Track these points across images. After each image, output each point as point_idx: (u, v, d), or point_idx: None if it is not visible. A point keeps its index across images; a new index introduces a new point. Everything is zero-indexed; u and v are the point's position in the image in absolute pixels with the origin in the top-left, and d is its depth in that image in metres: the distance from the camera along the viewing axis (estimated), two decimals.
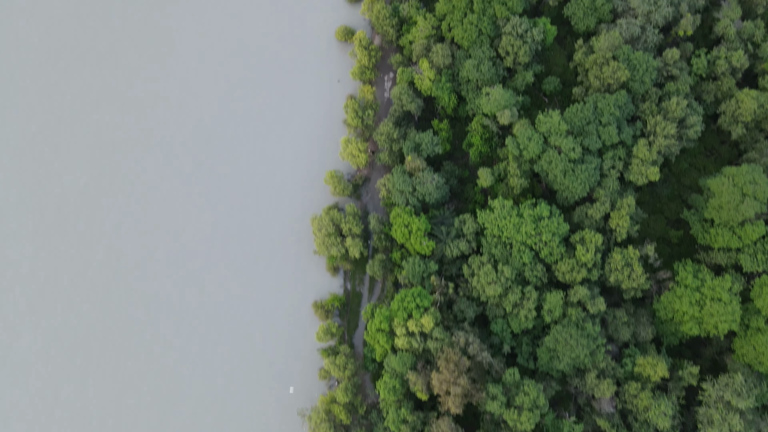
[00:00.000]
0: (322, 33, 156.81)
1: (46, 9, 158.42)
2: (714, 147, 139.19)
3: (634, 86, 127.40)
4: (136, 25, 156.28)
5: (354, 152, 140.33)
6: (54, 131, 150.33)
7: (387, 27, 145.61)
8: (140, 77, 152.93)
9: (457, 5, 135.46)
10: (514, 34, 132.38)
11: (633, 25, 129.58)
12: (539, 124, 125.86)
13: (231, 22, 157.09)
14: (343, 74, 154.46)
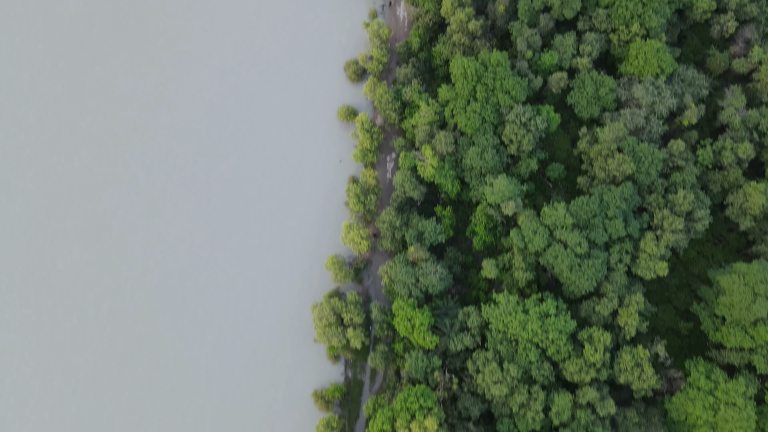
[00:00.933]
0: (324, 112, 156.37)
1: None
2: (722, 234, 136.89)
3: (640, 178, 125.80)
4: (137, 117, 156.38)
5: (356, 239, 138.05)
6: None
7: (389, 111, 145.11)
8: (141, 165, 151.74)
9: (460, 93, 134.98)
10: (518, 123, 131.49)
11: (637, 116, 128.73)
12: (544, 216, 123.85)
13: (233, 99, 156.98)
14: (345, 154, 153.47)
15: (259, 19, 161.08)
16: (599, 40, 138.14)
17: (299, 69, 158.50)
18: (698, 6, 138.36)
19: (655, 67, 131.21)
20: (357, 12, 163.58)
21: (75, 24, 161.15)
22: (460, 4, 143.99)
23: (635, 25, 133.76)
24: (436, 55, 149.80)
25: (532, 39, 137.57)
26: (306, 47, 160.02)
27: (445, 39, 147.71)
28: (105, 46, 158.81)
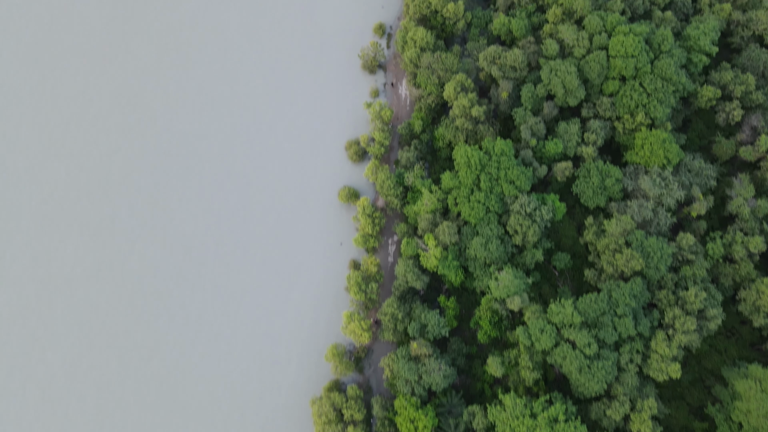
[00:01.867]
0: (325, 193, 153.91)
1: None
2: (735, 327, 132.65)
3: (649, 273, 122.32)
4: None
5: (357, 330, 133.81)
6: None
7: (391, 197, 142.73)
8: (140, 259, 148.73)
9: (463, 181, 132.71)
10: (523, 213, 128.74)
11: (645, 208, 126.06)
12: (552, 314, 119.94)
13: (234, 178, 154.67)
14: (346, 237, 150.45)
15: (261, 98, 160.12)
16: (604, 128, 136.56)
17: (300, 149, 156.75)
18: (703, 95, 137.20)
19: (662, 158, 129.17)
20: (359, 89, 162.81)
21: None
22: (462, 89, 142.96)
23: (640, 115, 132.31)
24: (438, 137, 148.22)
25: (536, 127, 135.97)
26: (307, 127, 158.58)
27: (447, 122, 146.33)
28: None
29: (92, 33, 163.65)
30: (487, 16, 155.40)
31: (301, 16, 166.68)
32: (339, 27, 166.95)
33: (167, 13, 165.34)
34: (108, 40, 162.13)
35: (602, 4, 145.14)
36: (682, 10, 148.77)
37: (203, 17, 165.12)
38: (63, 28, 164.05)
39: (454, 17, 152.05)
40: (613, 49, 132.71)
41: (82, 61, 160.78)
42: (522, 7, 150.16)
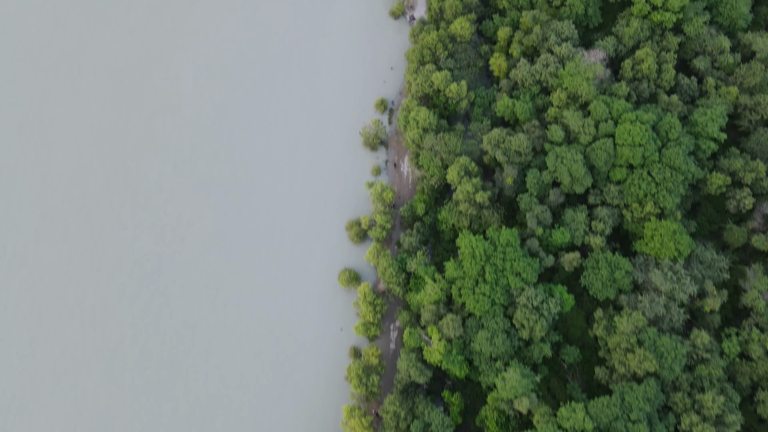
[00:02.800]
0: (325, 276, 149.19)
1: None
2: (752, 426, 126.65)
3: (663, 373, 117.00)
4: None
5: (357, 428, 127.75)
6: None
7: (393, 284, 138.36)
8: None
9: (468, 272, 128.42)
10: (530, 307, 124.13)
11: (656, 304, 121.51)
12: (562, 419, 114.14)
13: (231, 259, 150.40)
14: (346, 322, 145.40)
15: (260, 176, 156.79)
16: (612, 216, 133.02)
17: (300, 229, 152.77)
18: (713, 182, 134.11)
19: (673, 250, 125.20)
20: (360, 166, 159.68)
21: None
22: (466, 172, 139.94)
23: (649, 204, 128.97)
24: (441, 220, 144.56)
25: (542, 216, 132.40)
26: (307, 206, 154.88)
27: (451, 205, 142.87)
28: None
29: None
30: (490, 96, 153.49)
31: (302, 92, 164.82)
32: (340, 103, 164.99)
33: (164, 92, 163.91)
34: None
35: (607, 87, 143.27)
36: (688, 92, 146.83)
37: (201, 98, 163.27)
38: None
39: (457, 97, 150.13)
40: (620, 138, 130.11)
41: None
42: (526, 89, 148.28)
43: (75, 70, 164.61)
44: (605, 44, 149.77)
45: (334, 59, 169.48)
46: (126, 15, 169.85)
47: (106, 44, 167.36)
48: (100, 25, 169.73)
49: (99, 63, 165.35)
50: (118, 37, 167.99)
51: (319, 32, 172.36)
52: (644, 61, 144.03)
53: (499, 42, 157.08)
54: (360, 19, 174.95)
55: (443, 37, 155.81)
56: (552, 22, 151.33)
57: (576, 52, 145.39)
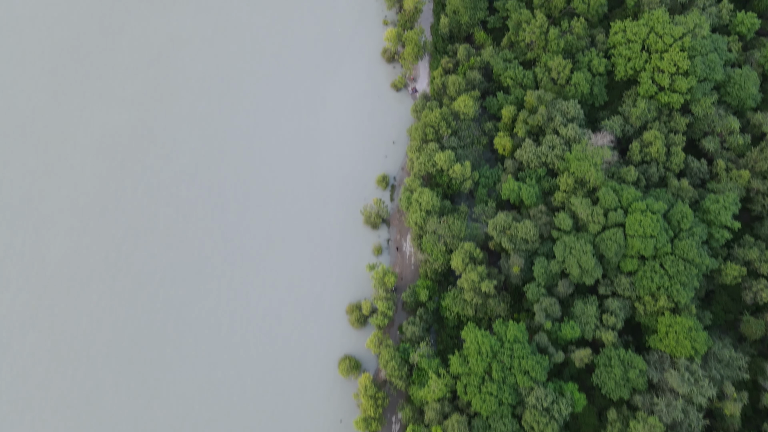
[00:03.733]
0: (324, 363, 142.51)
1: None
2: None
3: None
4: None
5: None
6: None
7: (395, 377, 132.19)
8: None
9: (474, 369, 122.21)
10: (539, 408, 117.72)
11: (674, 408, 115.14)
12: None
13: (225, 351, 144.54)
14: (346, 414, 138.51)
15: (258, 258, 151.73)
16: (623, 308, 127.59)
17: (298, 312, 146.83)
18: (728, 273, 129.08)
19: (689, 348, 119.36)
20: (361, 246, 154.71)
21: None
22: (471, 259, 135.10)
23: (662, 299, 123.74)
24: (445, 307, 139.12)
25: (550, 309, 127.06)
26: (306, 288, 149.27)
27: (455, 292, 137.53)
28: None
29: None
30: (495, 175, 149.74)
31: (302, 168, 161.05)
32: (341, 179, 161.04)
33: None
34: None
35: (615, 171, 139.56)
36: (698, 175, 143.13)
37: (198, 174, 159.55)
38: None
39: (461, 177, 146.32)
40: (631, 228, 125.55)
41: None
42: (531, 170, 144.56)
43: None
44: (612, 124, 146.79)
45: (335, 134, 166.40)
46: (124, 90, 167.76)
47: (104, 116, 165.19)
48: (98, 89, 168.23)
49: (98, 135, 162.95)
50: (115, 110, 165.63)
51: (320, 106, 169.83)
52: (653, 144, 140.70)
53: (504, 119, 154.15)
54: (361, 92, 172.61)
55: (446, 115, 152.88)
56: (557, 101, 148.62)
57: (582, 134, 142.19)
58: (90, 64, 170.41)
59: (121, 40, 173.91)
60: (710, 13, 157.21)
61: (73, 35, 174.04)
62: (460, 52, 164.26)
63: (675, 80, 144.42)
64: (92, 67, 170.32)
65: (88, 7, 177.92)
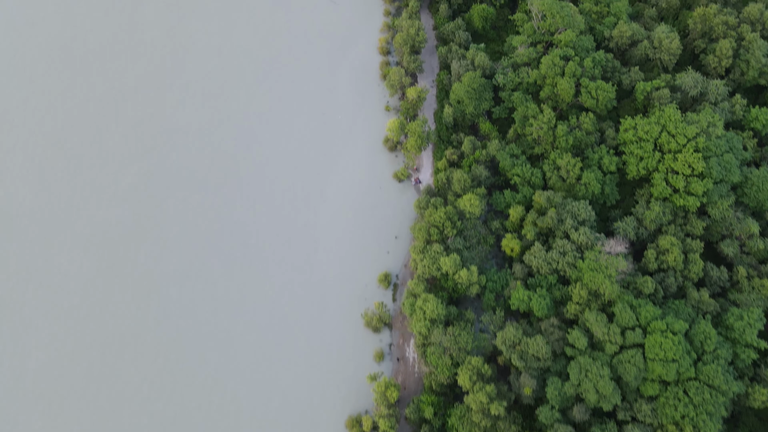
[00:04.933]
0: None
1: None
2: None
3: None
4: None
5: None
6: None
7: None
8: None
9: None
10: None
11: None
12: None
13: None
14: None
15: (253, 370, 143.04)
16: None
17: (294, 428, 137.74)
18: (755, 397, 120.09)
19: None
20: (362, 351, 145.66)
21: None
22: (479, 377, 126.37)
23: (687, 429, 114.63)
24: (452, 426, 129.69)
25: None
26: (303, 400, 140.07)
27: (462, 410, 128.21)
28: None
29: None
30: (503, 279, 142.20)
31: (299, 268, 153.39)
32: (341, 279, 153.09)
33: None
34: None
35: (631, 281, 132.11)
36: (718, 284, 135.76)
37: (186, 282, 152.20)
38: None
39: (467, 282, 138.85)
40: (650, 351, 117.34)
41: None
42: (542, 276, 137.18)
43: None
44: (625, 227, 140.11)
45: (334, 229, 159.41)
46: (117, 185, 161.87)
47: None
48: None
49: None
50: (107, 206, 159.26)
51: (319, 199, 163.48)
52: (669, 252, 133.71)
53: (511, 218, 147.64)
54: (362, 183, 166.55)
55: (451, 214, 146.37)
56: (567, 202, 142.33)
57: (595, 240, 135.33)
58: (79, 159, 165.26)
59: (115, 133, 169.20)
60: (723, 108, 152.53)
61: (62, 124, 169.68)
62: (465, 144, 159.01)
63: (690, 182, 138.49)
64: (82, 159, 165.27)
65: (77, 100, 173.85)
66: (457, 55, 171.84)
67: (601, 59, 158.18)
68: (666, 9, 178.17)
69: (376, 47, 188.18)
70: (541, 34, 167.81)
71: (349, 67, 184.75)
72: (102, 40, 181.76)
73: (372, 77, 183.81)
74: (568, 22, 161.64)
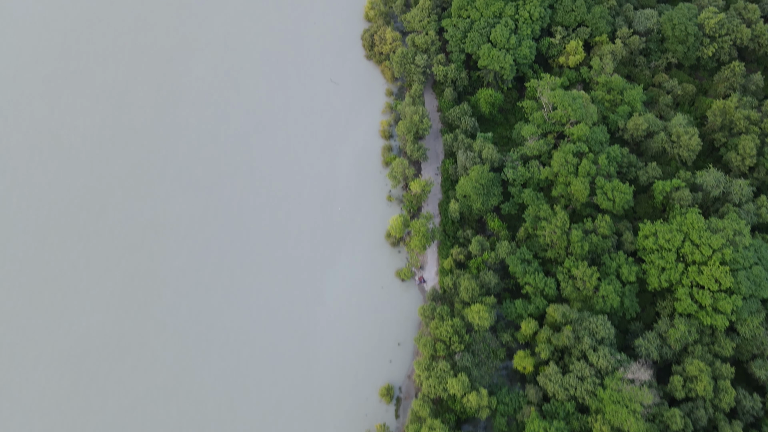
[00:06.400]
0: None
1: None
2: None
3: None
4: None
5: None
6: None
7: None
8: None
9: None
10: None
11: None
12: None
13: None
14: None
15: None
16: None
17: None
18: None
19: None
20: None
21: None
22: None
23: None
24: None
25: None
26: None
27: None
28: None
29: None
30: (515, 402, 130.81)
31: (298, 384, 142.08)
32: (341, 393, 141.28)
33: None
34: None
35: (656, 413, 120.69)
36: (751, 413, 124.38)
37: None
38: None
39: (477, 406, 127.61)
40: None
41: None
42: (558, 403, 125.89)
43: None
44: (647, 345, 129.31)
45: (333, 335, 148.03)
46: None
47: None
48: None
49: None
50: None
51: (317, 301, 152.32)
52: (698, 379, 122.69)
53: (523, 331, 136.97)
54: (363, 283, 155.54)
55: (458, 327, 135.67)
56: (584, 317, 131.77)
57: (617, 363, 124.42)
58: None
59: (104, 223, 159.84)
60: (747, 210, 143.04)
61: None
62: (473, 245, 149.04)
63: (717, 299, 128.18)
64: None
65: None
66: (463, 144, 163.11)
67: (616, 155, 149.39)
68: (681, 96, 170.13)
69: (378, 130, 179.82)
70: (552, 124, 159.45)
71: (350, 153, 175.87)
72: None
73: (374, 163, 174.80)
74: (581, 114, 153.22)
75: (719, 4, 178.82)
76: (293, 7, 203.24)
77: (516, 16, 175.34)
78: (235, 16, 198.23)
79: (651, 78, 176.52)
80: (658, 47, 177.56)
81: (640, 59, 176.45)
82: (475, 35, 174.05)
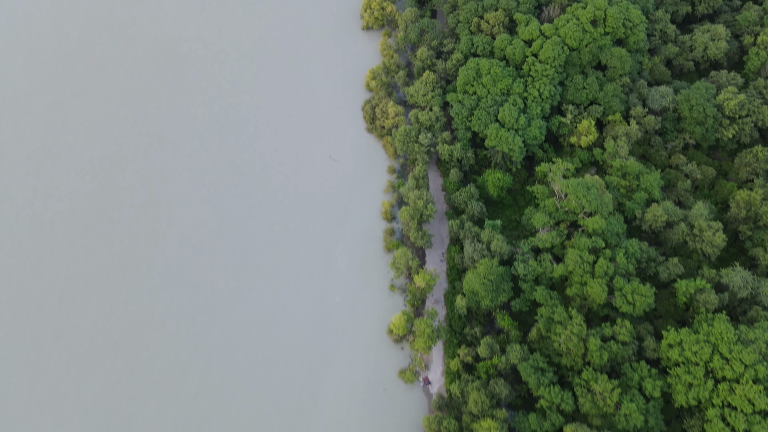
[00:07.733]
0: None
1: None
2: None
3: None
4: None
5: None
6: None
7: None
8: None
9: None
10: None
11: None
12: None
13: None
14: None
15: None
16: None
17: None
18: None
19: None
20: None
21: None
22: None
23: None
24: None
25: None
26: None
27: None
28: None
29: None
30: None
31: None
32: None
33: None
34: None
35: None
36: None
37: None
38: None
39: None
40: None
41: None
42: None
43: None
44: None
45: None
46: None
47: None
48: None
49: None
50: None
51: (312, 407, 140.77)
52: None
53: None
54: (362, 385, 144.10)
55: None
56: None
57: None
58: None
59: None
60: None
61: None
62: (481, 348, 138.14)
63: (752, 422, 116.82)
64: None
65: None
66: (470, 233, 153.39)
67: (635, 251, 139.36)
68: (701, 180, 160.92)
69: (380, 212, 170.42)
70: (564, 212, 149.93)
71: (350, 237, 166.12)
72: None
73: (375, 248, 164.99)
74: (596, 206, 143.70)
75: (737, 81, 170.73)
76: (293, 73, 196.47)
77: (525, 94, 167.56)
78: (229, 89, 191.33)
79: (667, 159, 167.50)
80: (675, 126, 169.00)
81: (655, 139, 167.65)
82: (482, 113, 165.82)
